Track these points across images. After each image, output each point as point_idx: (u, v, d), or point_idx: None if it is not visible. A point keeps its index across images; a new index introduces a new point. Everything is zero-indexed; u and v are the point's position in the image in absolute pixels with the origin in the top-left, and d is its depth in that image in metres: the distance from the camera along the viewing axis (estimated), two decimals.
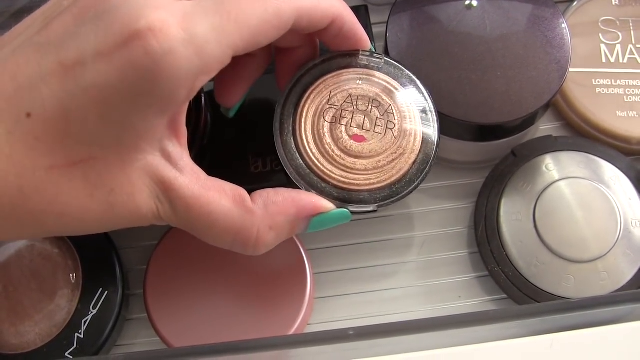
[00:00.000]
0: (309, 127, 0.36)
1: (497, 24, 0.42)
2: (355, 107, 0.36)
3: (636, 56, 0.46)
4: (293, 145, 0.35)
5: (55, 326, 0.40)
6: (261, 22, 0.30)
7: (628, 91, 0.45)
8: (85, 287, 0.41)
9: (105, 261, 0.42)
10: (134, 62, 0.27)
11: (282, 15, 0.31)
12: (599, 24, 0.47)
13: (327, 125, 0.36)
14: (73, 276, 0.41)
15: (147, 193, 0.31)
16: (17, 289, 0.41)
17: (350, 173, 0.35)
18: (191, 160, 0.32)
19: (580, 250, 0.41)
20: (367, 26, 0.46)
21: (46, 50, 0.28)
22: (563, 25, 0.42)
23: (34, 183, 0.28)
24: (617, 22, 0.47)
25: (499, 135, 0.42)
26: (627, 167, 0.43)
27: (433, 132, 0.36)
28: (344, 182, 0.35)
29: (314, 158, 0.35)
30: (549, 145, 0.44)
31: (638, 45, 0.46)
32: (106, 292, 0.41)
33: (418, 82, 0.37)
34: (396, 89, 0.37)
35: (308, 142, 0.35)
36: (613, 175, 0.43)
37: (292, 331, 0.40)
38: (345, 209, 0.35)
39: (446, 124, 0.41)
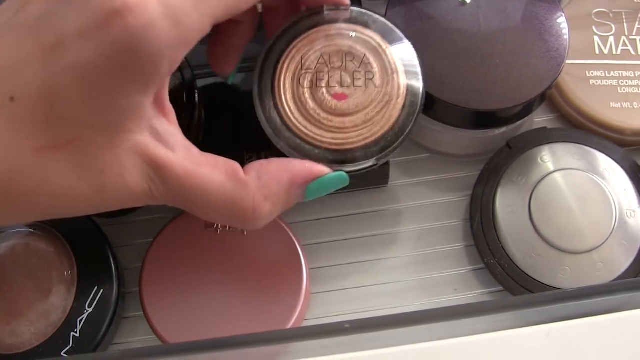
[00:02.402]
0: (289, 96, 0.35)
1: (494, 14, 0.42)
2: (329, 65, 0.35)
3: (629, 47, 0.46)
4: (278, 120, 0.35)
5: (51, 325, 0.40)
6: None
7: (622, 82, 0.45)
8: (81, 286, 0.41)
9: (100, 259, 0.41)
10: (113, 40, 0.27)
11: None
12: (592, 16, 0.47)
13: (306, 90, 0.35)
14: (68, 275, 0.41)
15: (138, 173, 0.30)
16: (12, 289, 0.41)
17: (341, 133, 0.34)
18: (183, 137, 0.32)
19: (576, 241, 0.41)
20: None
21: (24, 32, 0.28)
22: (561, 14, 0.42)
23: (21, 165, 0.28)
24: (610, 14, 0.47)
25: (497, 122, 0.42)
26: (622, 158, 0.43)
27: (417, 79, 0.35)
28: (337, 144, 0.34)
29: (301, 127, 0.35)
30: (544, 137, 0.44)
31: (631, 37, 0.46)
32: (102, 291, 0.41)
33: (394, 28, 0.37)
34: (370, 37, 0.36)
35: (292, 112, 0.35)
36: (608, 166, 0.43)
37: (288, 326, 0.40)
38: (341, 172, 0.34)
39: (445, 110, 0.41)
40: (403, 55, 0.36)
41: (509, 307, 0.33)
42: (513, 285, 0.41)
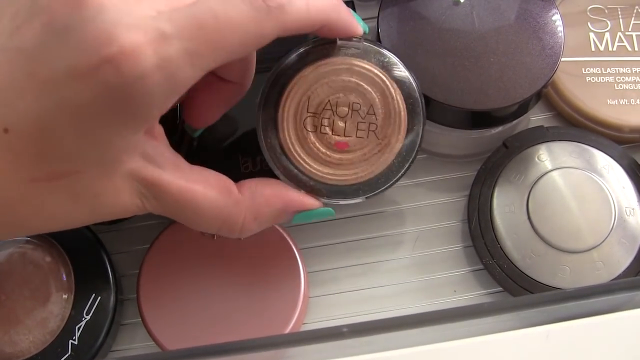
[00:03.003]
0: (291, 127, 0.36)
1: (488, 13, 0.42)
2: (334, 112, 0.36)
3: (625, 44, 0.46)
4: (278, 148, 0.36)
5: (49, 333, 0.40)
6: (239, 44, 0.30)
7: (618, 79, 0.45)
8: (78, 293, 0.41)
9: (97, 266, 0.41)
10: (106, 85, 0.27)
11: (264, 36, 0.31)
12: (587, 12, 0.47)
13: (310, 125, 0.36)
14: (65, 282, 0.41)
15: (132, 192, 0.31)
16: (9, 297, 0.40)
17: (338, 169, 0.36)
18: (172, 152, 0.33)
19: (575, 240, 0.41)
20: None
21: (18, 60, 0.28)
22: (555, 12, 0.41)
23: (17, 195, 0.28)
24: (606, 10, 0.47)
25: (493, 122, 0.42)
26: (620, 156, 0.43)
27: (418, 119, 0.36)
28: (332, 179, 0.36)
29: (299, 159, 0.36)
30: (541, 135, 0.44)
31: (627, 33, 0.46)
32: (99, 298, 0.41)
33: (403, 67, 0.36)
34: (379, 76, 0.36)
35: (292, 143, 0.36)
36: (606, 164, 0.42)
37: (287, 331, 0.40)
38: (329, 208, 0.36)
39: (440, 111, 0.41)
40: (409, 92, 0.36)
41: (507, 308, 0.32)
42: (512, 286, 0.41)
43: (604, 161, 0.43)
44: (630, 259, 0.40)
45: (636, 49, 0.46)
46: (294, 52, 0.36)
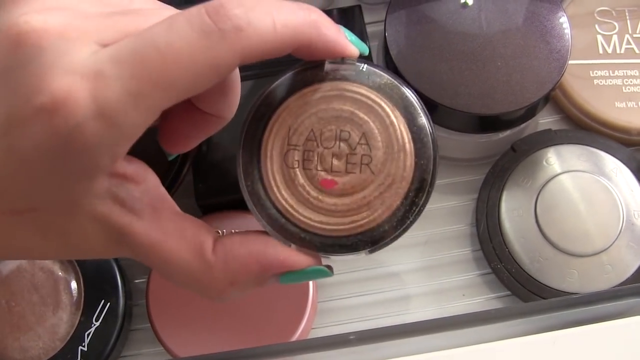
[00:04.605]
0: (276, 168, 0.29)
1: (496, 16, 0.41)
2: (320, 144, 0.29)
3: (633, 46, 0.46)
4: (262, 193, 0.30)
5: (59, 340, 0.40)
6: (190, 78, 0.26)
7: (626, 81, 0.45)
8: (87, 300, 0.41)
9: (106, 273, 0.41)
10: (44, 138, 0.25)
11: (220, 65, 0.26)
12: (595, 14, 0.47)
13: (297, 164, 0.29)
14: (75, 289, 0.41)
15: (102, 236, 0.28)
16: (19, 304, 0.41)
17: (332, 216, 0.29)
18: (154, 196, 0.29)
19: (583, 244, 0.40)
20: (362, 26, 0.46)
21: None
22: (562, 15, 0.41)
23: None
24: (613, 12, 0.47)
25: (500, 126, 0.42)
26: (628, 158, 0.43)
27: (427, 153, 0.29)
28: (325, 229, 0.29)
29: (287, 206, 0.29)
30: (549, 139, 0.44)
31: (635, 35, 0.46)
32: (108, 304, 0.41)
33: (406, 89, 0.29)
34: (377, 102, 0.29)
35: (278, 187, 0.29)
36: (614, 167, 0.42)
37: (295, 336, 0.40)
38: (323, 267, 0.30)
39: (448, 115, 0.41)
40: (414, 119, 0.29)
41: (514, 315, 0.32)
42: (521, 290, 0.41)
43: (612, 164, 0.42)
44: (638, 262, 0.40)
45: None
46: (277, 79, 0.30)
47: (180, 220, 0.29)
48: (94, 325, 0.40)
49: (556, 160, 0.43)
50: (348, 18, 0.46)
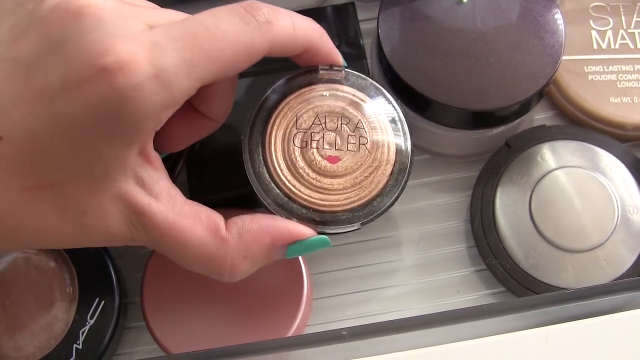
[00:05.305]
0: (279, 153, 0.35)
1: (489, 12, 0.41)
2: (324, 126, 0.35)
3: (628, 41, 0.45)
4: (267, 175, 0.34)
5: (54, 338, 0.40)
6: (233, 56, 0.30)
7: (621, 77, 0.45)
8: (82, 298, 0.41)
9: (101, 270, 0.41)
10: (101, 96, 0.27)
11: (255, 49, 0.31)
12: (590, 10, 0.47)
13: (297, 149, 0.35)
14: (69, 286, 0.41)
15: (120, 217, 0.30)
16: (14, 302, 0.41)
17: (329, 194, 0.34)
18: (169, 184, 0.32)
19: (578, 239, 0.40)
20: (355, 23, 0.46)
21: (15, 70, 0.28)
22: (556, 10, 0.41)
23: (6, 203, 0.28)
24: (608, 8, 0.47)
25: (494, 122, 0.42)
26: (623, 154, 0.43)
27: (405, 141, 0.35)
28: (324, 205, 0.34)
29: (289, 185, 0.34)
30: (543, 135, 0.44)
31: (630, 30, 0.46)
32: (103, 302, 0.41)
33: (384, 90, 0.36)
34: (363, 100, 0.36)
35: (281, 170, 0.34)
36: (609, 163, 0.42)
37: (290, 333, 0.40)
38: (324, 236, 0.34)
39: (442, 111, 0.41)
40: (393, 115, 0.36)
41: (507, 310, 0.32)
42: (515, 286, 0.41)
43: (607, 160, 0.42)
44: (634, 257, 0.40)
45: (639, 46, 0.45)
46: (278, 80, 0.36)
47: (193, 205, 0.32)
48: (89, 323, 0.40)
49: (551, 156, 0.43)
50: (342, 15, 0.46)
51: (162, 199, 0.31)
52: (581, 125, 0.45)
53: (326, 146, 0.35)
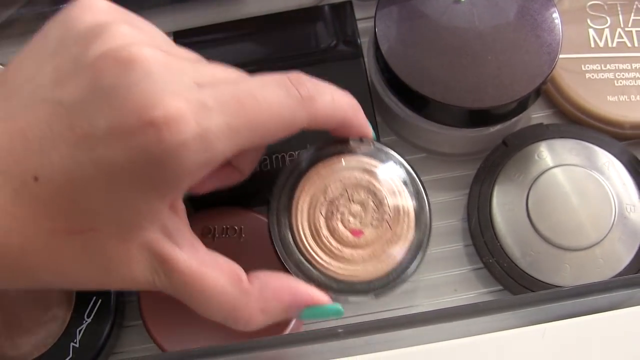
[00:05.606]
0: (305, 220, 0.36)
1: (487, 10, 0.41)
2: (350, 199, 0.36)
3: (625, 39, 0.45)
4: (291, 240, 0.36)
5: (51, 336, 0.40)
6: (274, 128, 0.31)
7: (618, 75, 0.45)
8: (79, 296, 0.41)
9: None
10: (145, 148, 0.27)
11: (295, 124, 0.32)
12: (587, 9, 0.47)
13: (322, 218, 0.36)
14: None
15: (144, 264, 0.31)
16: (11, 301, 0.41)
17: (349, 265, 0.35)
18: (191, 234, 0.32)
19: (575, 238, 0.40)
20: (353, 22, 0.46)
21: (59, 113, 0.28)
22: (553, 9, 0.41)
23: (34, 243, 0.29)
24: (605, 6, 0.47)
25: (491, 120, 0.42)
26: (620, 152, 0.43)
27: (425, 215, 0.37)
28: (342, 274, 0.35)
29: (312, 252, 0.36)
30: (540, 133, 0.44)
31: (627, 29, 0.46)
32: (100, 300, 0.41)
33: (392, 152, 0.38)
34: (375, 166, 0.37)
35: (305, 236, 0.36)
36: (606, 161, 0.42)
37: (287, 332, 0.40)
38: (339, 307, 0.35)
39: (439, 110, 0.41)
40: (416, 191, 0.37)
41: (503, 307, 0.32)
42: (513, 284, 0.41)
43: (604, 158, 0.42)
44: (631, 255, 0.40)
45: (636, 45, 0.45)
46: (310, 149, 0.37)
47: (213, 254, 0.33)
48: (86, 321, 0.40)
49: (548, 154, 0.43)
50: (339, 14, 0.47)
51: (186, 248, 0.31)
52: (578, 123, 0.45)
53: (351, 219, 0.36)
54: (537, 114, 0.47)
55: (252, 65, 0.44)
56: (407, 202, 0.36)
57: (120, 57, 0.28)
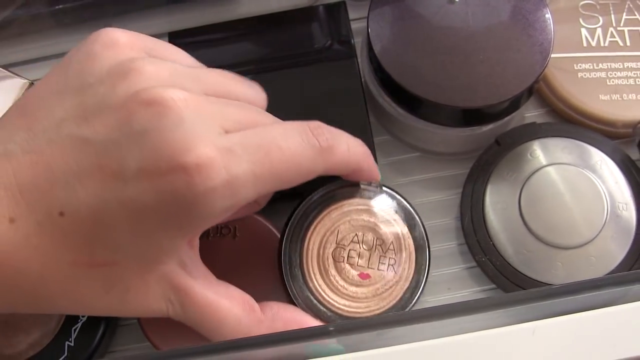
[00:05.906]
0: (314, 260, 0.38)
1: (479, 9, 0.41)
2: (360, 244, 0.38)
3: (617, 39, 0.46)
4: (300, 278, 0.38)
5: (46, 335, 0.40)
6: (294, 176, 0.32)
7: (610, 74, 0.45)
8: None
9: None
10: (174, 191, 0.28)
11: (314, 172, 0.33)
12: (579, 8, 0.47)
13: (332, 259, 0.38)
14: None
15: (160, 295, 0.32)
16: None
17: (353, 302, 0.37)
18: (204, 266, 0.34)
19: (568, 236, 0.41)
20: (346, 22, 0.46)
21: (86, 151, 0.29)
22: (545, 9, 0.41)
23: (55, 274, 0.29)
24: (597, 6, 0.47)
25: (484, 119, 0.42)
26: (613, 151, 0.43)
27: (424, 253, 0.39)
28: (347, 311, 0.37)
29: (320, 290, 0.38)
30: (533, 132, 0.44)
31: (619, 28, 0.46)
32: None
33: (412, 210, 0.39)
34: (394, 219, 0.39)
35: (314, 275, 0.38)
36: (599, 160, 0.42)
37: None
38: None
39: (432, 110, 0.41)
40: (419, 234, 0.39)
41: (494, 305, 0.32)
42: (506, 283, 0.41)
43: (597, 157, 0.42)
44: (623, 253, 0.40)
45: (628, 44, 0.45)
46: (321, 191, 0.39)
47: (225, 285, 0.34)
48: (81, 320, 0.40)
49: (541, 153, 0.43)
50: (333, 14, 0.47)
51: (200, 280, 0.33)
52: (571, 122, 0.45)
53: (359, 261, 0.38)
54: (530, 113, 0.47)
55: (247, 66, 0.44)
56: (411, 247, 0.38)
57: (149, 100, 0.29)
